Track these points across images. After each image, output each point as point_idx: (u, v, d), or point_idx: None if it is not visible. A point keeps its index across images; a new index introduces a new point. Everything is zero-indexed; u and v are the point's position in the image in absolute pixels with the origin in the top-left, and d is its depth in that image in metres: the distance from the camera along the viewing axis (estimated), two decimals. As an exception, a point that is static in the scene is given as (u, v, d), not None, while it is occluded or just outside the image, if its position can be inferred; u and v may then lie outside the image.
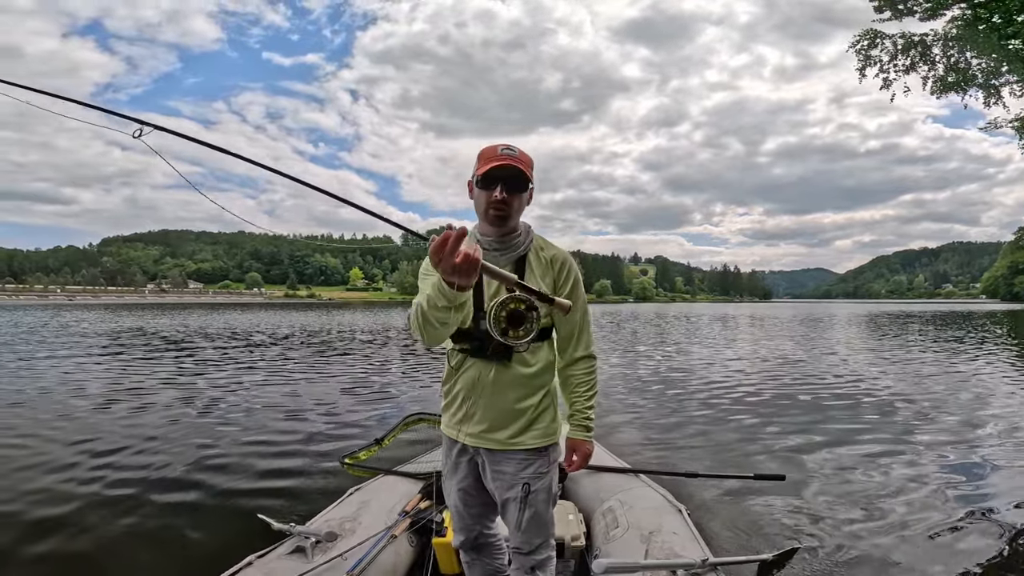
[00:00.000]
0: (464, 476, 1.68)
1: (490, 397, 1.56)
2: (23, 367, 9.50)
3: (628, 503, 2.36)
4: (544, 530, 1.64)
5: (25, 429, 5.19)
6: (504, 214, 1.48)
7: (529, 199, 1.55)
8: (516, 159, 1.45)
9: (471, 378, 1.57)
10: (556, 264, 1.58)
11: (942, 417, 5.88)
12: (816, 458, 4.40)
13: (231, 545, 2.46)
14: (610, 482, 2.65)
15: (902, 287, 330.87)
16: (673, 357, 12.22)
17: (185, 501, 3.41)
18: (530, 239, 1.59)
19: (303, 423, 5.55)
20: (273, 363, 10.52)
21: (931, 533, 2.98)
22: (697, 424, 5.65)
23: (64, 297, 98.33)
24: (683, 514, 2.25)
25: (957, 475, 3.96)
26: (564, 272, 1.59)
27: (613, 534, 2.18)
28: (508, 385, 1.55)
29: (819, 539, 2.90)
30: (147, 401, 6.58)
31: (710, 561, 1.84)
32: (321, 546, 2.00)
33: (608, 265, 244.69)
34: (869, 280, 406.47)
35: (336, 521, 2.17)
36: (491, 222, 1.50)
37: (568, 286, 1.59)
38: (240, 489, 3.63)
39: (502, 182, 1.45)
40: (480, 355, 1.55)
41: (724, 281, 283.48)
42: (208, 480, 3.79)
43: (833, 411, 6.22)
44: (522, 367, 1.55)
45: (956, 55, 7.59)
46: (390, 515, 2.29)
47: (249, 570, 1.83)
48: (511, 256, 1.55)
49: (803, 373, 9.37)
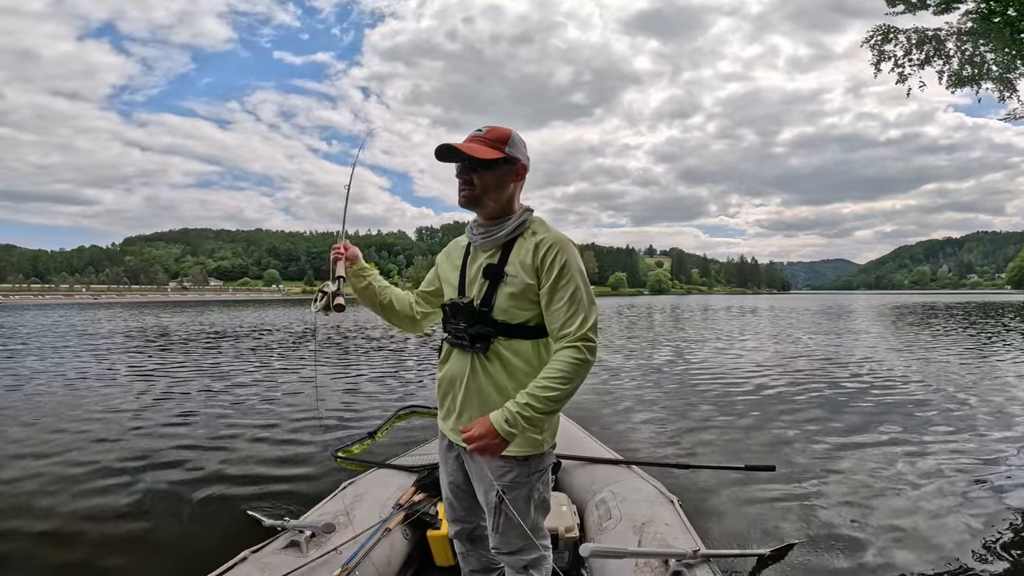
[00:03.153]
0: (452, 471, 1.66)
1: (468, 393, 1.49)
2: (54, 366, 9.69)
3: (621, 494, 2.35)
4: (523, 535, 1.51)
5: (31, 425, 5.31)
6: (471, 194, 1.46)
7: (516, 178, 1.49)
8: (474, 138, 1.44)
9: (452, 370, 1.54)
10: (541, 249, 1.43)
11: (956, 410, 5.76)
12: (811, 449, 4.40)
13: (225, 540, 2.48)
14: (602, 473, 2.64)
15: (925, 277, 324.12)
16: (675, 348, 12.16)
17: (179, 497, 3.43)
18: (522, 222, 1.49)
19: (298, 418, 5.59)
20: (273, 358, 10.62)
21: (933, 529, 2.94)
22: (693, 415, 5.67)
23: (89, 296, 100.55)
24: (675, 505, 2.24)
25: (963, 471, 3.89)
26: (549, 259, 1.42)
27: (606, 525, 2.18)
28: (484, 383, 1.47)
29: (813, 533, 2.88)
30: (163, 395, 6.73)
31: (701, 552, 1.83)
32: (316, 540, 2.00)
33: (623, 258, 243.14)
34: (891, 270, 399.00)
35: (330, 515, 2.17)
36: (461, 204, 1.48)
37: (553, 273, 1.41)
38: (233, 485, 3.65)
39: (450, 159, 1.45)
40: (458, 345, 1.50)
41: (741, 272, 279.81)
42: (201, 476, 3.81)
43: (837, 404, 6.15)
44: (502, 364, 1.46)
45: (971, 49, 7.43)
46: (384, 508, 2.29)
47: (244, 565, 1.82)
48: (494, 240, 1.49)
49: (810, 364, 9.27)
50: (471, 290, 1.52)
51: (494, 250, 1.51)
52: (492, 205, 1.48)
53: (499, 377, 1.46)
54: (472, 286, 1.52)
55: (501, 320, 1.45)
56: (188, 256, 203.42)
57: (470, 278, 1.53)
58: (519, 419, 1.31)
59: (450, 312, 1.50)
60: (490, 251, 1.52)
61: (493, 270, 1.48)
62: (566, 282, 1.41)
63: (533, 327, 1.47)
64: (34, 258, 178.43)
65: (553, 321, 1.41)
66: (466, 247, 1.61)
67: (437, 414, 1.67)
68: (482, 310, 1.46)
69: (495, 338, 1.46)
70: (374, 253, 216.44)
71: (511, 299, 1.45)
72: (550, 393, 1.32)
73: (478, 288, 1.50)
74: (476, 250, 1.57)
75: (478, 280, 1.51)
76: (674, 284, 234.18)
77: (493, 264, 1.49)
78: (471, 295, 1.51)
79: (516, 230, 1.49)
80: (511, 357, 1.45)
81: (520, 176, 1.50)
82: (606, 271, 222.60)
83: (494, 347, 1.46)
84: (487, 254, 1.52)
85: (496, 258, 1.50)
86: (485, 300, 1.47)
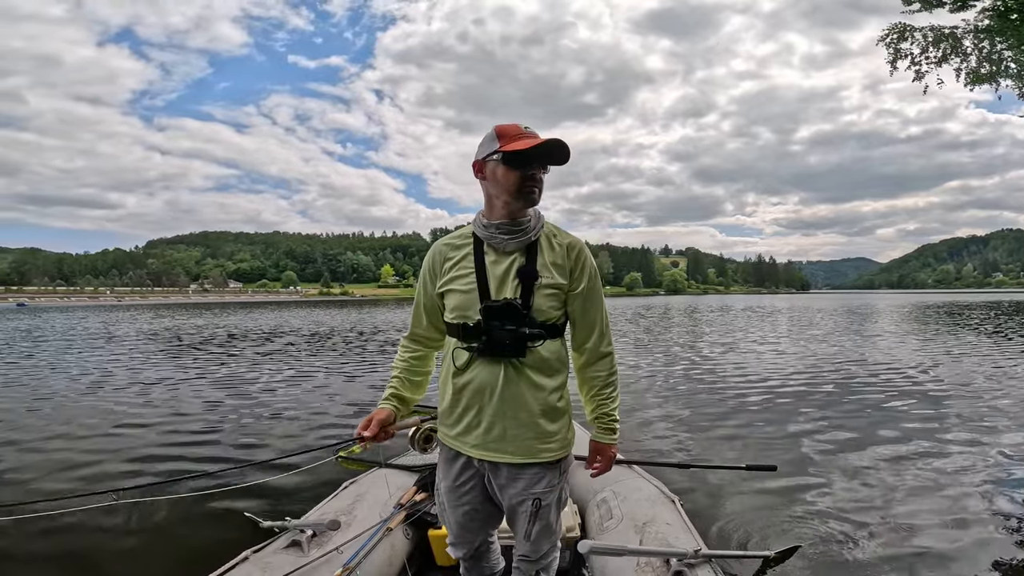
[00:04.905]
0: (468, 491, 1.55)
1: (500, 403, 1.42)
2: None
3: (622, 494, 2.33)
4: (552, 537, 1.58)
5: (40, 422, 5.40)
6: (540, 194, 1.44)
7: None
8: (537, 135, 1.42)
9: (479, 381, 1.43)
10: (573, 252, 1.47)
11: (970, 412, 5.63)
12: (814, 450, 4.35)
13: (226, 540, 2.47)
14: None
15: (950, 276, 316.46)
16: (676, 348, 12.06)
17: (178, 496, 3.42)
18: (540, 223, 1.48)
19: (297, 417, 5.63)
20: (281, 360, 10.70)
21: (942, 532, 2.89)
22: (694, 415, 5.63)
23: (113, 298, 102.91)
24: (676, 505, 2.22)
25: (974, 474, 3.80)
26: (581, 261, 1.48)
27: (607, 525, 2.17)
28: (520, 389, 1.42)
29: (815, 536, 2.84)
30: (163, 396, 6.82)
31: (703, 552, 1.81)
32: (317, 539, 2.00)
33: (638, 258, 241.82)
34: (915, 269, 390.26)
35: (331, 514, 2.18)
36: (525, 201, 1.42)
37: (585, 276, 1.47)
38: (234, 484, 3.59)
39: (537, 159, 1.39)
40: (489, 353, 1.41)
41: (759, 272, 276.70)
42: (201, 475, 3.80)
43: (842, 405, 6.04)
44: (535, 368, 1.43)
45: (988, 47, 7.34)
46: (385, 508, 2.30)
47: (245, 565, 1.82)
48: (522, 240, 1.45)
49: (816, 364, 9.12)
50: (501, 292, 1.43)
51: (520, 251, 1.46)
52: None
53: (529, 383, 1.43)
54: (503, 288, 1.44)
55: (541, 320, 1.42)
56: (208, 259, 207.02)
57: (498, 279, 1.44)
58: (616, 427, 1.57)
59: (498, 314, 1.40)
60: (515, 252, 1.46)
61: (528, 270, 1.44)
62: (597, 294, 1.52)
63: (561, 325, 1.49)
64: (59, 261, 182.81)
65: (586, 331, 1.53)
66: (471, 249, 1.52)
67: (437, 420, 1.60)
68: (523, 312, 1.42)
69: (536, 340, 1.41)
70: (389, 255, 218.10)
71: (548, 299, 1.43)
72: (618, 400, 1.57)
73: (512, 290, 1.43)
74: (494, 251, 1.48)
75: (510, 282, 1.44)
76: (690, 284, 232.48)
77: (524, 265, 1.44)
78: (503, 296, 1.43)
79: (539, 230, 1.48)
80: (548, 357, 1.44)
81: None
82: (621, 271, 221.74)
83: (532, 350, 1.42)
84: (513, 256, 1.46)
85: (525, 259, 1.46)
86: (524, 302, 1.42)
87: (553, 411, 1.46)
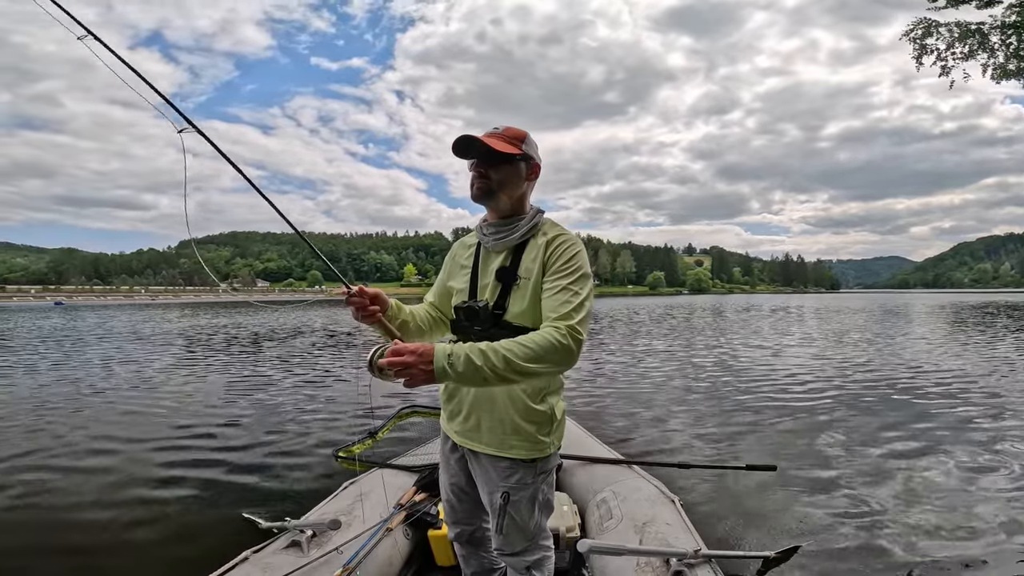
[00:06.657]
0: (455, 473, 1.65)
1: (476, 396, 1.49)
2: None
3: (622, 494, 2.33)
4: (526, 536, 1.55)
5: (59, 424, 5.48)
6: (486, 187, 1.44)
7: (530, 176, 1.50)
8: (491, 135, 1.44)
9: None
10: (552, 245, 1.43)
11: (982, 414, 5.46)
12: (815, 450, 4.32)
13: (226, 540, 2.50)
14: (603, 473, 2.62)
15: (987, 275, 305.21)
16: (677, 348, 11.91)
17: (178, 497, 3.48)
18: (533, 224, 1.48)
19: (298, 418, 5.65)
20: (283, 360, 10.71)
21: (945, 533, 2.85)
22: (695, 415, 5.60)
23: (148, 297, 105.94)
24: (676, 505, 2.21)
25: (979, 475, 3.72)
26: (560, 250, 1.41)
27: (607, 525, 2.16)
28: (492, 387, 1.45)
29: (815, 536, 2.83)
30: (164, 395, 6.93)
31: (703, 552, 1.78)
32: (317, 540, 2.02)
33: (661, 256, 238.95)
34: (951, 268, 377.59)
35: (331, 515, 2.19)
36: (474, 197, 1.47)
37: (559, 262, 1.40)
38: (234, 484, 3.68)
39: (460, 154, 1.44)
40: None
41: (786, 271, 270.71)
42: (201, 475, 3.86)
43: (848, 405, 5.94)
44: None
45: (1016, 43, 7.18)
46: (385, 508, 2.31)
47: (245, 565, 1.84)
48: (507, 241, 1.48)
49: (822, 365, 8.96)
50: (483, 293, 1.49)
51: (506, 252, 1.49)
52: (505, 201, 1.47)
53: None
54: (485, 289, 1.49)
55: (517, 324, 1.41)
56: (237, 258, 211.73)
57: (483, 281, 1.50)
58: (461, 361, 1.19)
59: (464, 316, 1.48)
60: (502, 253, 1.50)
61: (506, 273, 1.46)
62: (569, 272, 1.38)
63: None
64: (95, 261, 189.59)
65: (547, 308, 1.35)
66: (475, 248, 1.59)
67: (439, 414, 1.68)
68: (496, 313, 1.44)
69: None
70: (412, 254, 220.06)
71: (524, 302, 1.42)
72: (510, 356, 1.21)
73: (491, 291, 1.47)
74: (488, 252, 1.54)
75: (491, 283, 1.48)
76: (714, 283, 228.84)
77: (506, 267, 1.47)
78: (484, 298, 1.48)
79: (528, 232, 1.48)
80: None
81: (534, 176, 1.51)
82: (644, 271, 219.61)
83: None
84: (500, 256, 1.50)
85: (509, 260, 1.48)
86: (498, 303, 1.45)
87: (530, 411, 1.46)
